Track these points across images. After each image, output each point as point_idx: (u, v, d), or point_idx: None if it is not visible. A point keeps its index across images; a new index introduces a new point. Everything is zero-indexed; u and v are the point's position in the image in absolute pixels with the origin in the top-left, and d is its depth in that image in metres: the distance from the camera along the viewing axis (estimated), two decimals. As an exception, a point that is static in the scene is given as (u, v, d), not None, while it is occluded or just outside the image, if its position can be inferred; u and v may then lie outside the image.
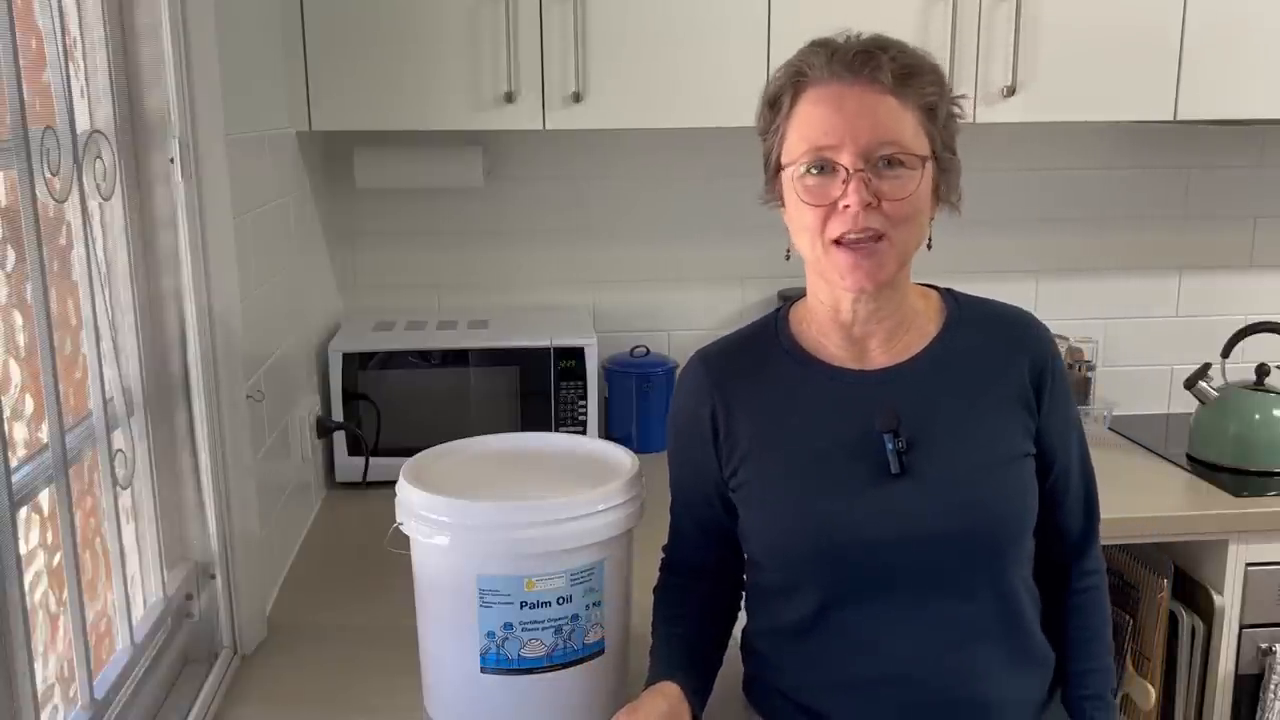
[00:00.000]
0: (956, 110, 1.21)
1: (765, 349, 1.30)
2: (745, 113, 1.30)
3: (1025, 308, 1.31)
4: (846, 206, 1.13)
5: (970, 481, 1.19)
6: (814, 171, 1.16)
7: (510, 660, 1.25)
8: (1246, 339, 2.20)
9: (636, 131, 2.32)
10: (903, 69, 1.15)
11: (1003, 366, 1.24)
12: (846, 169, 1.13)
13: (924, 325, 1.26)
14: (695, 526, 1.35)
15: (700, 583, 1.37)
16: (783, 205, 1.23)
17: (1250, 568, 1.98)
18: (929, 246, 1.23)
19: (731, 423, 1.27)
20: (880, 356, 1.25)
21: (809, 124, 1.16)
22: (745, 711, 1.36)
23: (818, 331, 1.27)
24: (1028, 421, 1.23)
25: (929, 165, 1.17)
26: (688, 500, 1.35)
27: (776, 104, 1.21)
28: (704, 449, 1.29)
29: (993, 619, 1.21)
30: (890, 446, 1.19)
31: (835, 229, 1.15)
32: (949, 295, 1.30)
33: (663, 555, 1.41)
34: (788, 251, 1.27)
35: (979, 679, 1.21)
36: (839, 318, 1.24)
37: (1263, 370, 2.17)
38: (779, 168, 1.21)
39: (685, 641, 1.31)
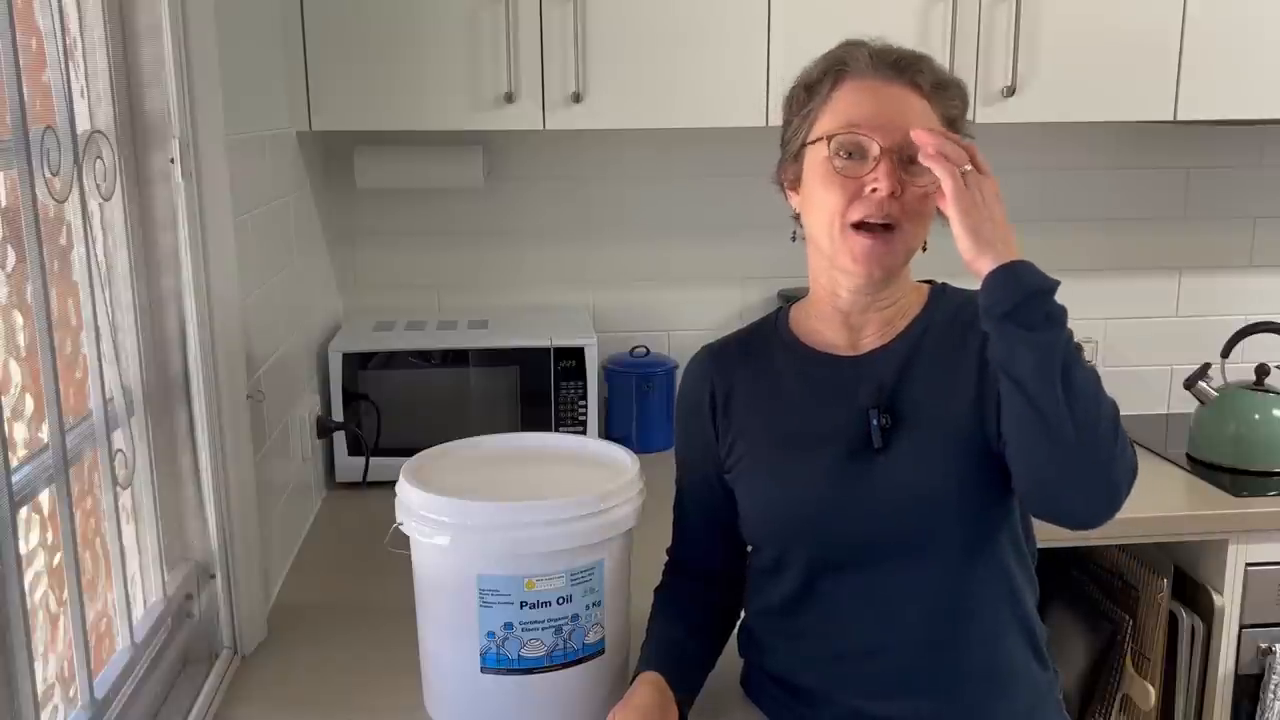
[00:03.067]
0: (969, 132, 1.27)
1: (765, 341, 1.36)
2: (745, 113, 1.31)
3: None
4: (874, 190, 1.18)
5: (948, 451, 1.22)
6: (846, 153, 1.19)
7: (510, 660, 1.25)
8: (1246, 339, 2.20)
9: (636, 131, 2.32)
10: (938, 80, 1.23)
11: (975, 344, 1.25)
12: (880, 149, 1.18)
13: (912, 312, 1.31)
14: (700, 520, 1.38)
15: (701, 585, 1.39)
16: (793, 189, 1.28)
17: (1250, 568, 1.98)
18: (924, 249, 1.27)
19: (729, 404, 1.33)
20: (871, 343, 1.30)
21: (847, 108, 1.21)
22: (743, 704, 1.38)
23: (817, 320, 1.32)
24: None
25: None
26: (694, 494, 1.38)
27: (813, 89, 1.25)
28: (704, 430, 1.34)
29: (978, 591, 1.23)
30: (874, 422, 1.23)
31: (857, 212, 1.19)
32: (939, 286, 1.35)
33: (667, 557, 1.43)
34: (794, 233, 1.31)
35: (962, 650, 1.23)
36: (837, 303, 1.28)
37: (1263, 370, 2.17)
38: (801, 149, 1.24)
39: (677, 641, 1.33)
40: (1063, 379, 1.07)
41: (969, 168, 1.12)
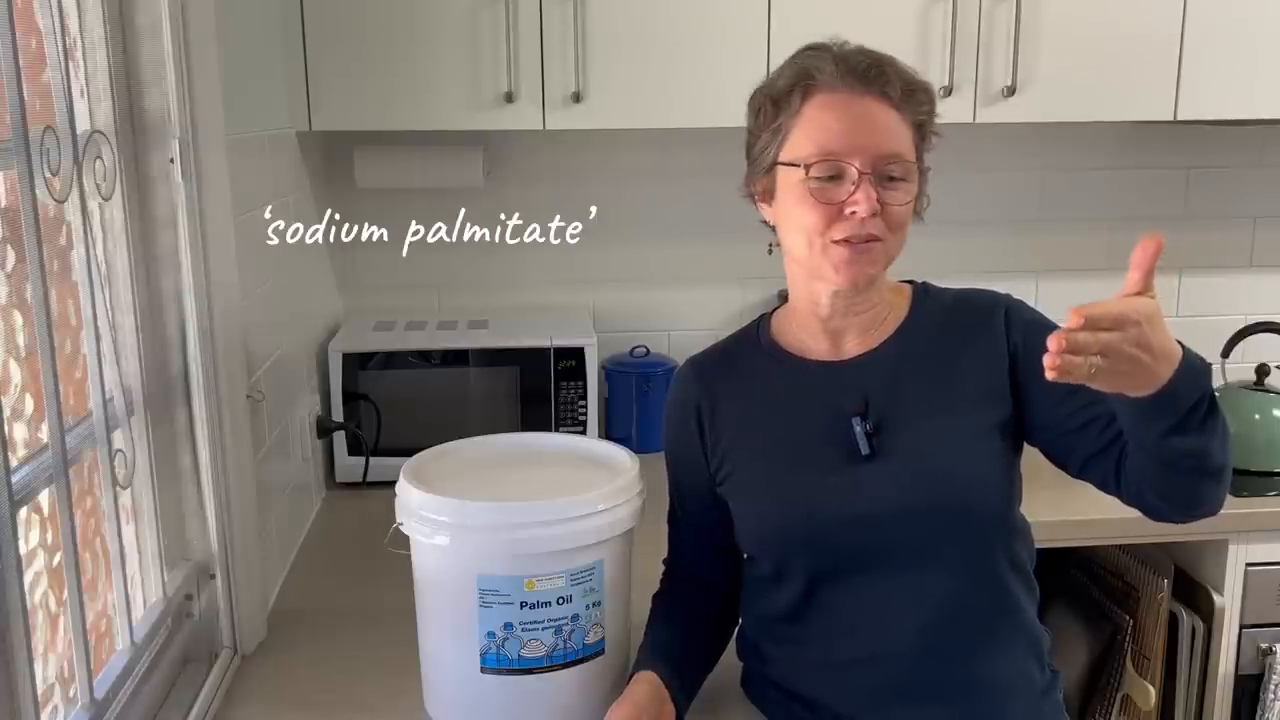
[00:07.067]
0: (936, 131, 1.27)
1: (747, 350, 1.35)
2: (745, 113, 1.31)
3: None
4: (854, 212, 1.17)
5: (937, 457, 1.22)
6: (824, 177, 1.18)
7: (510, 660, 1.25)
8: (1246, 339, 2.20)
9: (636, 131, 2.32)
10: (907, 85, 1.20)
11: (967, 344, 1.26)
12: (857, 172, 1.17)
13: (897, 316, 1.30)
14: (694, 534, 1.39)
15: (698, 592, 1.39)
16: (765, 201, 1.27)
17: (1250, 568, 1.98)
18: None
19: (716, 418, 1.32)
20: (854, 348, 1.29)
21: (819, 128, 1.19)
22: (743, 705, 1.38)
23: (798, 327, 1.32)
24: (1001, 392, 1.24)
25: (917, 177, 1.22)
26: (686, 506, 1.38)
27: (781, 102, 1.23)
28: (693, 447, 1.33)
29: (976, 598, 1.23)
30: (858, 429, 1.23)
31: (839, 233, 1.19)
32: (921, 287, 1.34)
33: (664, 565, 1.44)
34: (770, 246, 1.31)
35: (961, 659, 1.22)
36: (818, 311, 1.28)
37: (1263, 370, 2.17)
38: (774, 164, 1.23)
39: (674, 646, 1.33)
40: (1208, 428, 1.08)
41: (1096, 358, 0.96)
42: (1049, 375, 0.94)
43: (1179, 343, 1.04)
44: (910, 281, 1.35)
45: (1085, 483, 1.24)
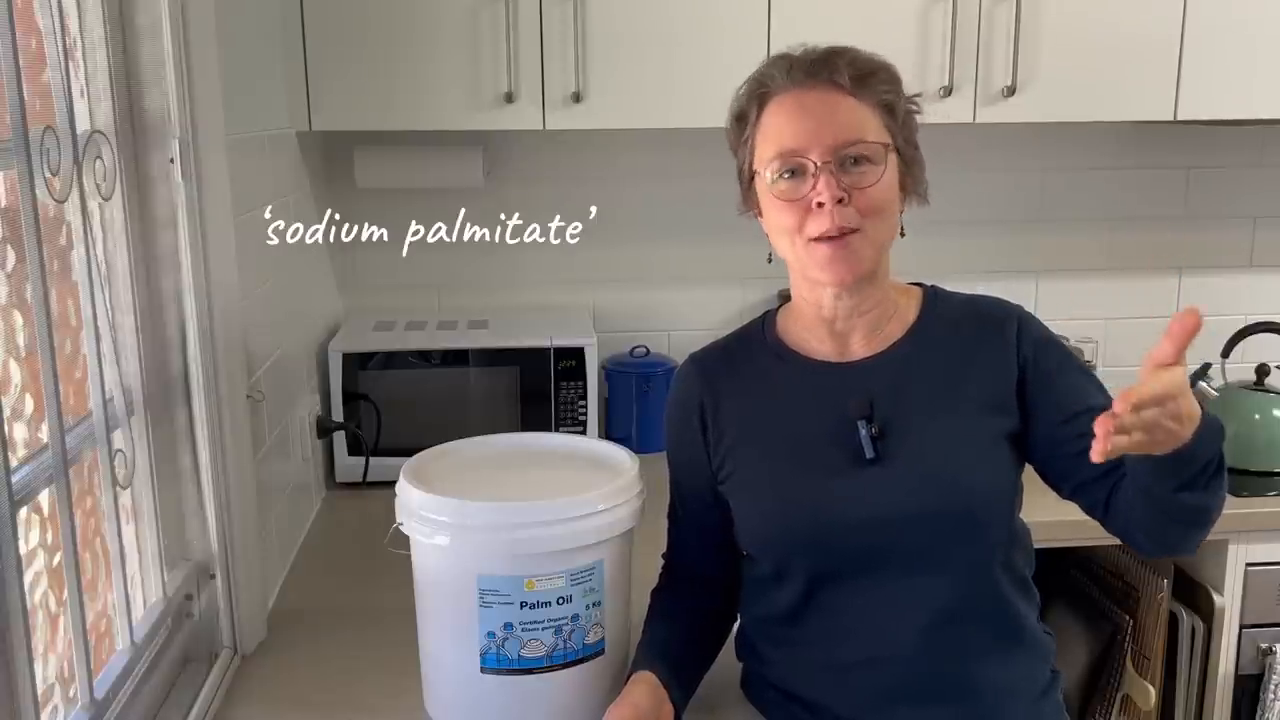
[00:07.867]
0: (914, 108, 1.26)
1: (751, 348, 1.35)
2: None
3: (1026, 307, 1.33)
4: (820, 204, 1.18)
5: (941, 462, 1.22)
6: (785, 175, 1.20)
7: (510, 660, 1.25)
8: (1246, 339, 2.20)
9: (636, 131, 2.32)
10: (858, 71, 1.21)
11: (976, 352, 1.26)
12: (815, 164, 1.18)
13: (904, 317, 1.30)
14: (693, 531, 1.38)
15: (697, 590, 1.39)
16: (759, 214, 1.29)
17: (1250, 568, 1.98)
18: (901, 234, 1.26)
19: (718, 416, 1.32)
20: (861, 349, 1.29)
21: (775, 131, 1.21)
22: (742, 705, 1.38)
23: (803, 328, 1.32)
24: (1007, 402, 1.24)
25: (892, 158, 1.21)
26: (686, 504, 1.38)
27: (743, 118, 1.26)
28: (695, 445, 1.33)
29: (976, 602, 1.23)
30: (863, 433, 1.23)
31: (812, 228, 1.19)
32: (931, 290, 1.34)
33: (663, 561, 1.43)
34: (769, 255, 1.31)
35: (961, 661, 1.22)
36: (822, 314, 1.28)
37: (1263, 370, 2.17)
38: (751, 177, 1.26)
39: (672, 644, 1.33)
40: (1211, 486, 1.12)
41: (1139, 434, 1.00)
42: (1094, 458, 0.97)
43: (1199, 404, 1.07)
44: (919, 284, 1.34)
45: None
